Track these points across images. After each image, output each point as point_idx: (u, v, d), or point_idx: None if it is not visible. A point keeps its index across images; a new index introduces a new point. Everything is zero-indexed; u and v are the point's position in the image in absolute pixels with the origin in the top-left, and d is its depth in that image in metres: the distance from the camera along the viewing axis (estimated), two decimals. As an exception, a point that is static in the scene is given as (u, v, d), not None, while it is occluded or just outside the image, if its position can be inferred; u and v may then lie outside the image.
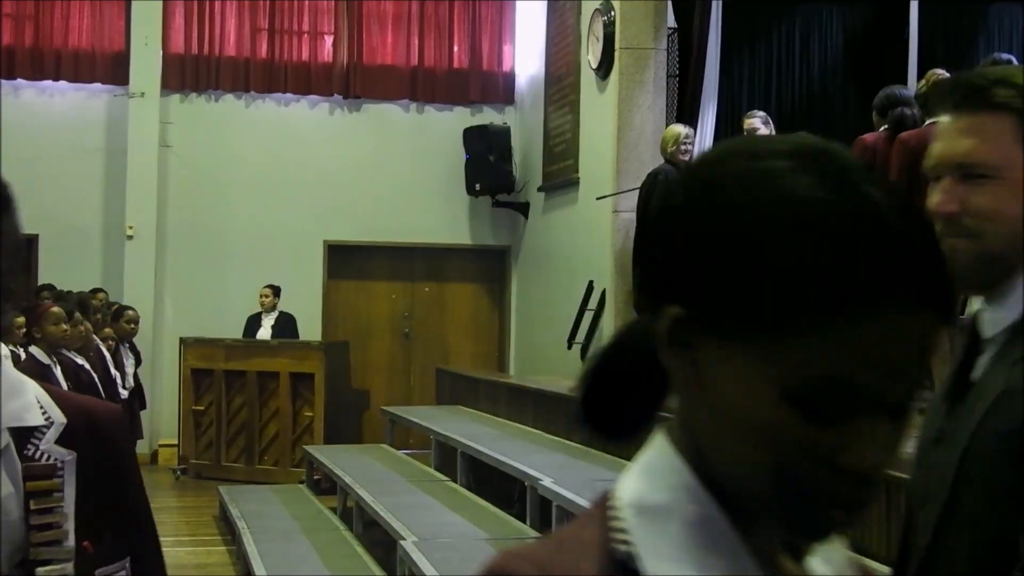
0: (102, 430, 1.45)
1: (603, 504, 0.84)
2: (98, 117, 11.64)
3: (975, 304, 1.61)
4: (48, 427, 1.40)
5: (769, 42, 10.78)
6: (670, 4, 9.60)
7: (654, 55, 9.36)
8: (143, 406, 9.66)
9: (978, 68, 5.95)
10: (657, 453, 0.84)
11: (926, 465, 1.60)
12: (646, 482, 0.83)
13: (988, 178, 1.50)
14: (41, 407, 1.42)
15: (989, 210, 1.50)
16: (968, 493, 1.49)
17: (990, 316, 1.54)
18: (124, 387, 8.81)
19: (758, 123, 7.87)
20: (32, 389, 1.43)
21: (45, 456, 1.39)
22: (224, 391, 10.50)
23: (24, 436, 1.39)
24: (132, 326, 9.45)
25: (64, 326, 6.61)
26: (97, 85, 11.65)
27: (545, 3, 11.31)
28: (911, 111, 6.51)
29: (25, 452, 1.39)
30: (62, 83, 11.60)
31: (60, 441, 1.41)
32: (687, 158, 8.24)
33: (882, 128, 6.58)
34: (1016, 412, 1.45)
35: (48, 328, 6.52)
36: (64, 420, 1.41)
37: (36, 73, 11.55)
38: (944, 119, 1.55)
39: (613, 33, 9.43)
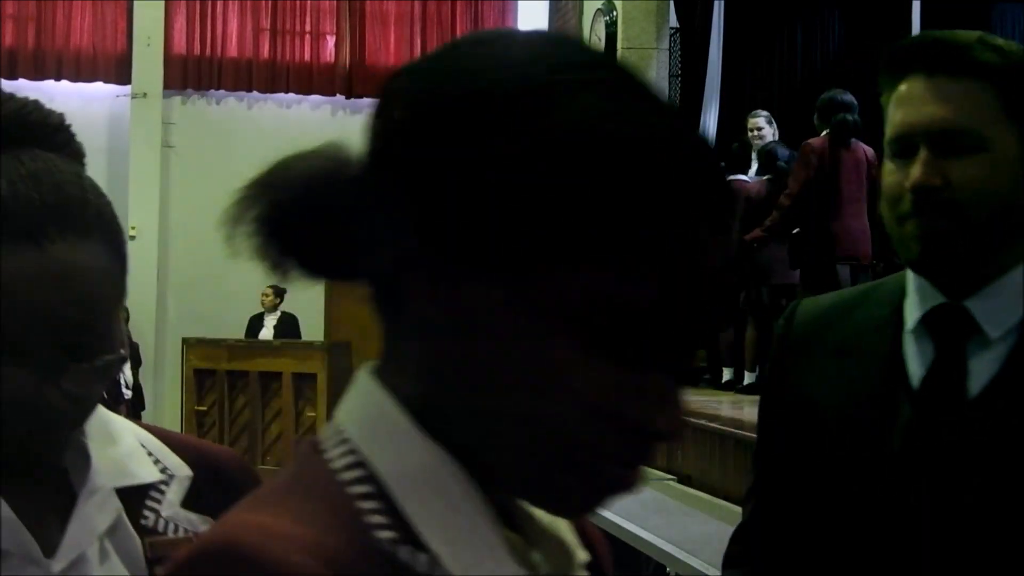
0: (232, 485, 0.98)
1: None
2: (100, 118, 11.63)
3: (911, 308, 1.38)
4: (167, 483, 0.98)
5: (771, 41, 10.78)
6: (672, 4, 9.60)
7: (656, 55, 9.37)
8: (142, 407, 9.66)
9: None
10: None
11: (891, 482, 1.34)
12: None
13: (975, 149, 1.31)
14: (149, 454, 0.99)
15: (978, 185, 1.30)
16: None
17: (986, 310, 1.34)
18: (127, 388, 8.82)
19: (762, 123, 7.89)
20: (130, 431, 1.00)
21: (173, 527, 0.96)
22: (227, 391, 10.49)
23: (136, 499, 0.95)
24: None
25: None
26: (99, 85, 11.65)
27: (547, 3, 11.32)
28: (852, 117, 6.48)
29: (143, 523, 0.95)
30: (64, 84, 11.59)
31: (187, 503, 0.98)
32: None
33: (823, 133, 6.56)
34: None
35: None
36: (189, 472, 0.99)
37: (38, 74, 11.55)
38: (915, 83, 1.34)
39: (615, 33, 9.44)
